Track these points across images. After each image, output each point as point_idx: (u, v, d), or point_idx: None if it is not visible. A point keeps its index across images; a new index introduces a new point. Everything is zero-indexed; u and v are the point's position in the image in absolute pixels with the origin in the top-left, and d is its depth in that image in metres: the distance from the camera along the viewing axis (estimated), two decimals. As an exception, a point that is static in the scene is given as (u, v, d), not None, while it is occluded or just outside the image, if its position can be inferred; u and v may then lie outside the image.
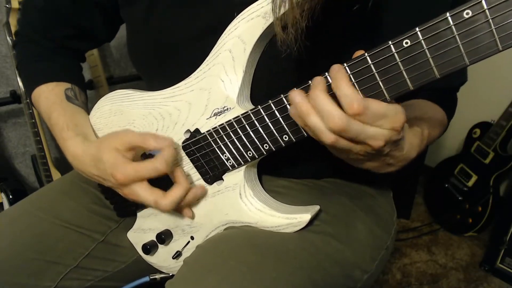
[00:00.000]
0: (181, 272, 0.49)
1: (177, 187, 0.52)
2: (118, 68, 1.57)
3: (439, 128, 0.59)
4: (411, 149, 0.46)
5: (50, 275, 0.59)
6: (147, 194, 0.51)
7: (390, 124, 0.38)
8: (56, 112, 0.60)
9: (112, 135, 0.54)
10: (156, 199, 0.51)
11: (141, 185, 0.51)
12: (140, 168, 0.50)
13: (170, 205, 0.51)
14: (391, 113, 0.38)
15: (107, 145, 0.52)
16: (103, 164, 0.52)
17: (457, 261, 1.45)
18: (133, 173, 0.50)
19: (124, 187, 0.52)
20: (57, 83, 0.64)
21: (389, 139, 0.39)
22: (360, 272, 0.55)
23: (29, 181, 1.49)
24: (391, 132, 0.39)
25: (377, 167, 0.46)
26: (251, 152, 0.50)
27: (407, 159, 0.46)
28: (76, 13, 0.64)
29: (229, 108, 0.49)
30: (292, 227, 0.50)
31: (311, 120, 0.39)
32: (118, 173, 0.50)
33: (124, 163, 0.51)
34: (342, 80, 0.38)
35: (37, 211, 0.63)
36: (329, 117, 0.38)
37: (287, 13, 0.40)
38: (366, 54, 0.38)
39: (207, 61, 0.50)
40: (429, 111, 0.59)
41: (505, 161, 1.44)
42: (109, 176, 0.51)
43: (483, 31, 0.33)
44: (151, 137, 0.51)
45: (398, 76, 0.38)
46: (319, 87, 0.39)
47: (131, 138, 0.52)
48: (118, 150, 0.52)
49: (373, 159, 0.44)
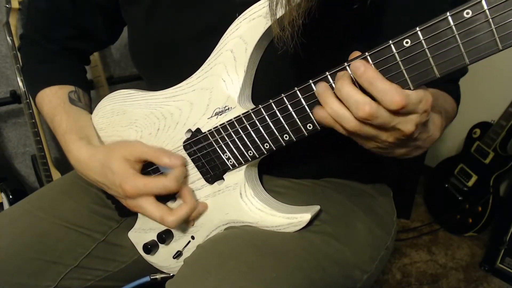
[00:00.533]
0: (182, 272, 0.49)
1: (184, 205, 0.53)
2: (118, 68, 1.57)
3: (451, 114, 0.59)
4: (435, 129, 0.46)
5: (50, 275, 0.59)
6: (153, 209, 0.52)
7: (421, 107, 0.38)
8: (59, 115, 0.61)
9: (123, 144, 0.54)
10: (162, 216, 0.51)
11: (147, 200, 0.52)
12: (150, 184, 0.51)
13: (176, 223, 0.52)
14: (423, 97, 0.38)
15: (117, 154, 0.53)
16: (112, 173, 0.52)
17: (457, 261, 1.46)
18: (142, 188, 0.51)
19: (130, 199, 0.52)
20: (61, 86, 0.64)
21: (419, 122, 0.39)
22: (360, 272, 0.55)
23: (29, 181, 1.49)
24: (421, 115, 0.38)
25: (406, 153, 0.46)
26: (251, 152, 0.50)
27: (434, 139, 0.46)
28: (78, 14, 0.64)
29: (230, 107, 0.49)
30: (293, 227, 0.50)
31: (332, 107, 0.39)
32: (128, 186, 0.50)
33: (134, 175, 0.51)
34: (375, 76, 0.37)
35: (37, 211, 0.63)
36: (358, 105, 0.37)
37: (284, 13, 0.40)
38: (366, 54, 0.38)
39: (208, 61, 0.50)
40: (440, 98, 0.59)
41: (505, 161, 1.44)
42: (117, 186, 0.52)
43: (483, 31, 0.33)
44: (165, 154, 0.52)
45: (398, 75, 0.38)
46: (344, 78, 0.39)
47: (143, 151, 0.53)
48: (128, 161, 0.52)
49: (403, 145, 0.43)
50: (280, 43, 0.41)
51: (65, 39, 0.67)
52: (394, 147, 0.43)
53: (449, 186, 1.61)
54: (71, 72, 0.68)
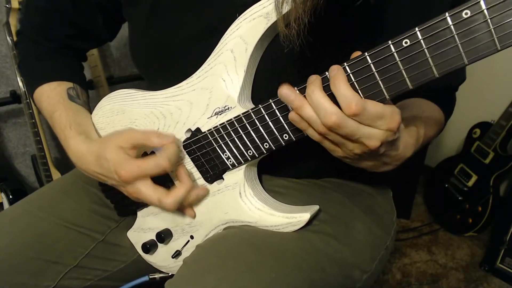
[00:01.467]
0: (181, 272, 0.49)
1: (180, 186, 0.52)
2: (118, 68, 1.57)
3: (435, 127, 0.59)
4: (406, 148, 0.47)
5: (50, 274, 0.60)
6: (150, 192, 0.51)
7: (387, 125, 0.39)
8: (58, 111, 0.61)
9: (116, 134, 0.54)
10: (159, 197, 0.51)
11: (144, 183, 0.51)
12: (143, 164, 0.50)
13: (173, 204, 0.51)
14: (387, 114, 0.39)
15: (110, 143, 0.52)
16: (107, 162, 0.52)
17: (457, 261, 1.46)
18: (137, 170, 0.50)
19: (128, 185, 0.52)
20: (59, 83, 0.64)
21: (385, 139, 0.40)
22: (360, 272, 0.55)
23: (29, 181, 1.49)
24: (386, 133, 0.40)
25: (373, 166, 0.47)
26: (251, 151, 0.50)
27: (403, 158, 0.47)
28: (77, 13, 0.64)
29: (230, 107, 0.49)
30: (292, 226, 0.50)
31: (304, 111, 0.41)
32: (122, 170, 0.50)
33: (127, 160, 0.51)
34: (340, 80, 0.39)
35: (37, 210, 0.63)
36: (326, 112, 0.39)
37: (290, 10, 0.40)
38: (366, 54, 0.38)
39: (209, 61, 0.50)
40: (426, 110, 0.59)
41: (505, 161, 1.44)
42: (112, 173, 0.52)
43: (482, 31, 0.33)
44: (154, 134, 0.52)
45: (397, 75, 0.38)
46: (315, 83, 0.40)
47: (135, 136, 0.52)
48: (122, 148, 0.52)
49: (369, 158, 0.45)
50: (286, 41, 0.41)
51: (64, 38, 0.67)
52: (360, 159, 0.45)
53: (449, 186, 1.61)
54: (70, 69, 0.68)
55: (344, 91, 0.38)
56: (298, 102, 0.41)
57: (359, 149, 0.42)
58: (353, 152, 0.42)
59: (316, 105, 0.40)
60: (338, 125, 0.38)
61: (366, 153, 0.42)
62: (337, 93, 0.39)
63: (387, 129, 0.39)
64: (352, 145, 0.41)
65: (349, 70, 0.39)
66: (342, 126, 0.39)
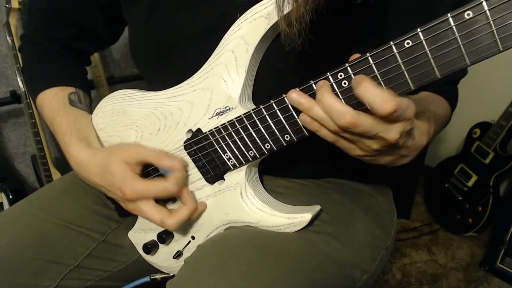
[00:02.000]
0: (182, 272, 0.49)
1: (184, 208, 0.53)
2: (118, 68, 1.57)
3: (443, 119, 0.59)
4: (421, 135, 0.46)
5: (50, 274, 0.59)
6: (153, 212, 0.52)
7: (406, 115, 0.38)
8: (59, 118, 0.60)
9: (123, 147, 0.54)
10: (162, 219, 0.51)
11: (147, 203, 0.52)
12: (150, 187, 0.51)
13: (176, 225, 0.52)
14: (406, 105, 0.37)
15: (116, 157, 0.52)
16: (111, 175, 0.52)
17: (457, 261, 1.46)
18: (143, 191, 0.50)
19: (130, 202, 0.52)
20: (61, 88, 0.64)
21: (403, 130, 0.39)
22: (360, 272, 0.55)
23: (29, 181, 1.49)
24: (405, 123, 0.39)
25: (392, 161, 0.46)
26: (252, 152, 0.50)
27: (420, 147, 0.46)
28: (79, 14, 0.64)
29: (231, 108, 0.49)
30: (293, 226, 0.50)
31: (314, 112, 0.40)
32: (128, 189, 0.50)
33: (134, 178, 0.51)
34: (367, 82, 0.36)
35: (37, 210, 0.63)
36: (339, 113, 0.38)
37: (291, 9, 0.40)
38: (368, 55, 0.38)
39: (209, 61, 0.50)
40: (433, 102, 0.59)
41: (505, 161, 1.45)
42: (116, 189, 0.52)
43: (484, 32, 0.33)
44: (165, 156, 0.52)
45: (399, 76, 0.38)
46: (324, 88, 0.40)
47: (144, 153, 0.52)
48: (128, 164, 0.52)
49: (388, 152, 0.43)
50: (287, 40, 0.41)
51: (66, 39, 0.67)
52: (379, 155, 0.44)
53: (449, 186, 1.61)
54: (72, 73, 0.68)
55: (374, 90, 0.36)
56: (307, 103, 0.41)
57: (377, 144, 0.40)
58: (371, 148, 0.41)
59: (328, 108, 0.39)
60: (354, 124, 0.37)
61: (385, 147, 0.41)
62: (366, 95, 0.36)
63: (406, 120, 0.38)
64: (369, 141, 0.40)
65: (351, 71, 0.39)
66: (358, 124, 0.38)
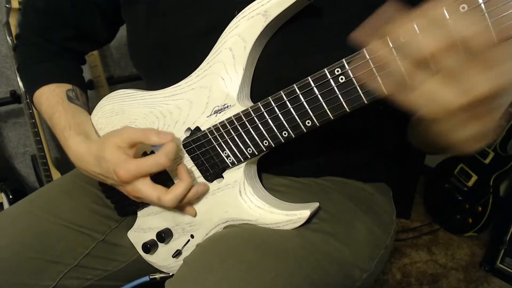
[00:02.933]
0: (181, 271, 0.49)
1: (180, 183, 0.52)
2: (118, 68, 1.57)
3: None
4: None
5: (50, 274, 0.59)
6: (150, 190, 0.51)
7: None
8: (57, 113, 0.61)
9: (114, 133, 0.54)
10: (159, 195, 0.51)
11: (143, 182, 0.51)
12: (141, 163, 0.50)
13: (173, 201, 0.51)
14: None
15: (109, 143, 0.52)
16: (105, 162, 0.52)
17: (457, 261, 1.45)
18: (135, 169, 0.50)
19: (127, 184, 0.52)
20: (59, 84, 0.64)
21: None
22: (359, 271, 0.55)
23: (29, 181, 1.49)
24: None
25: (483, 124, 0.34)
26: (250, 149, 0.50)
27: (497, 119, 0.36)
28: (76, 14, 0.64)
29: (229, 105, 0.49)
30: (292, 223, 0.50)
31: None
32: (121, 170, 0.50)
33: (125, 160, 0.51)
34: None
35: (37, 210, 0.63)
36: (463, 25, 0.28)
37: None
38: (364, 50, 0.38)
39: (207, 60, 0.50)
40: None
41: (505, 161, 1.44)
42: (111, 173, 0.52)
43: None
44: (152, 132, 0.51)
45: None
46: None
47: (133, 134, 0.52)
48: (120, 148, 0.52)
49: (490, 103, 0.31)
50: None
51: (63, 40, 0.67)
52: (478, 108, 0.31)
53: (449, 186, 1.61)
54: (68, 71, 0.68)
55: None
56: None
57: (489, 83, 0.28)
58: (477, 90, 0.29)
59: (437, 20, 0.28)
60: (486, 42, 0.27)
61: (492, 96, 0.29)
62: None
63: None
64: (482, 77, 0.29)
65: (347, 66, 0.39)
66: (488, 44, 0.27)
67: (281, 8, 0.43)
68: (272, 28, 0.46)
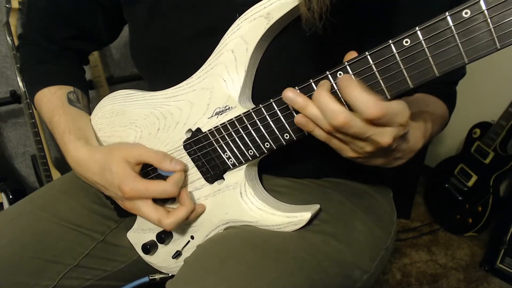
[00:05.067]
0: (181, 272, 0.49)
1: (182, 208, 0.53)
2: (118, 68, 1.57)
3: (441, 120, 0.59)
4: (416, 139, 0.46)
5: (49, 274, 0.60)
6: (151, 212, 0.52)
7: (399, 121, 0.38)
8: (57, 116, 0.60)
9: (123, 146, 0.54)
10: (159, 218, 0.52)
11: (146, 203, 0.52)
12: (150, 187, 0.51)
13: (174, 225, 0.52)
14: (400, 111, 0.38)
15: (117, 155, 0.52)
16: (110, 174, 0.52)
17: (457, 261, 1.46)
18: (143, 191, 0.51)
19: (128, 201, 0.52)
20: (60, 87, 0.64)
21: (397, 135, 0.39)
22: (360, 272, 0.55)
23: (29, 181, 1.49)
24: (398, 128, 0.39)
25: (385, 163, 0.46)
26: (252, 151, 0.50)
27: (414, 150, 0.47)
28: (79, 14, 0.64)
29: (230, 107, 0.49)
30: (293, 225, 0.50)
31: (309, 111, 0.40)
32: (127, 187, 0.50)
33: (134, 177, 0.51)
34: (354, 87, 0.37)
35: (37, 210, 0.63)
36: (333, 112, 0.38)
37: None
38: (367, 53, 0.38)
39: (209, 61, 0.50)
40: (430, 105, 0.59)
41: (505, 161, 1.45)
42: (115, 187, 0.52)
43: (482, 30, 0.33)
44: (167, 158, 0.52)
45: (398, 74, 0.38)
46: (323, 87, 0.40)
47: (145, 154, 0.53)
48: (128, 163, 0.52)
49: (381, 155, 0.44)
50: (308, 25, 0.40)
51: (65, 39, 0.67)
52: (372, 157, 0.44)
53: (449, 186, 1.61)
54: (70, 72, 0.68)
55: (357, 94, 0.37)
56: (302, 102, 0.41)
57: (370, 147, 0.40)
58: (364, 150, 0.41)
59: (323, 106, 0.39)
60: (347, 124, 0.38)
61: (378, 150, 0.41)
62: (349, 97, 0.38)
63: (399, 125, 0.39)
64: (362, 143, 0.40)
65: (350, 70, 0.39)
66: (351, 125, 0.38)
67: (283, 11, 0.43)
68: (274, 31, 0.46)
